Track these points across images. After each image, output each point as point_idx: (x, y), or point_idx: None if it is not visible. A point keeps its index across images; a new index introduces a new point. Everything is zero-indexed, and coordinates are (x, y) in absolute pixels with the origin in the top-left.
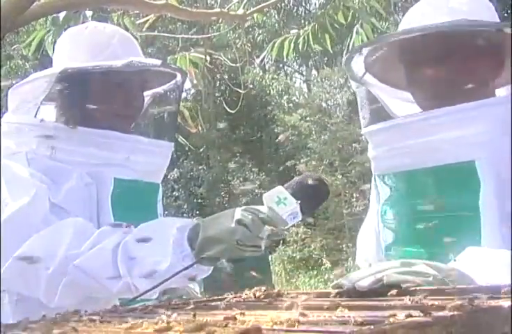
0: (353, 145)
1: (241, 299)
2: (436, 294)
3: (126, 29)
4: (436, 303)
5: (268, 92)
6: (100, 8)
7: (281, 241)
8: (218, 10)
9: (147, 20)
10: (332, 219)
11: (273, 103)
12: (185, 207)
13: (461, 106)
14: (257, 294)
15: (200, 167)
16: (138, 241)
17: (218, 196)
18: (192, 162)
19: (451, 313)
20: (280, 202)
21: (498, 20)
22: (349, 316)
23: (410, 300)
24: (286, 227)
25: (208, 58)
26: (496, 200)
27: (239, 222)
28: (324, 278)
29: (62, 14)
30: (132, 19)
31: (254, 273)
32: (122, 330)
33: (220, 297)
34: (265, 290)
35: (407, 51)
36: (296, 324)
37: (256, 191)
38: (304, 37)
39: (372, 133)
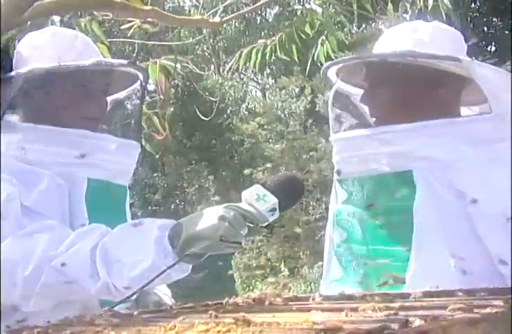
0: (310, 153)
1: (244, 304)
2: (469, 295)
3: (94, 35)
4: (475, 302)
5: (225, 99)
6: (68, 13)
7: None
8: (199, 17)
9: (132, 26)
10: (288, 227)
11: (229, 111)
12: (139, 214)
13: (402, 126)
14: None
15: (154, 174)
16: (118, 241)
17: (173, 203)
18: (147, 169)
19: (496, 310)
20: (260, 199)
21: (463, 49)
22: (392, 315)
23: (451, 300)
24: (265, 224)
25: (178, 65)
26: (426, 205)
27: (222, 218)
28: (282, 286)
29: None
30: (99, 25)
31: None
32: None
33: (218, 301)
34: (277, 294)
35: (359, 73)
36: (341, 324)
37: (211, 198)
38: (271, 47)
39: (336, 141)
